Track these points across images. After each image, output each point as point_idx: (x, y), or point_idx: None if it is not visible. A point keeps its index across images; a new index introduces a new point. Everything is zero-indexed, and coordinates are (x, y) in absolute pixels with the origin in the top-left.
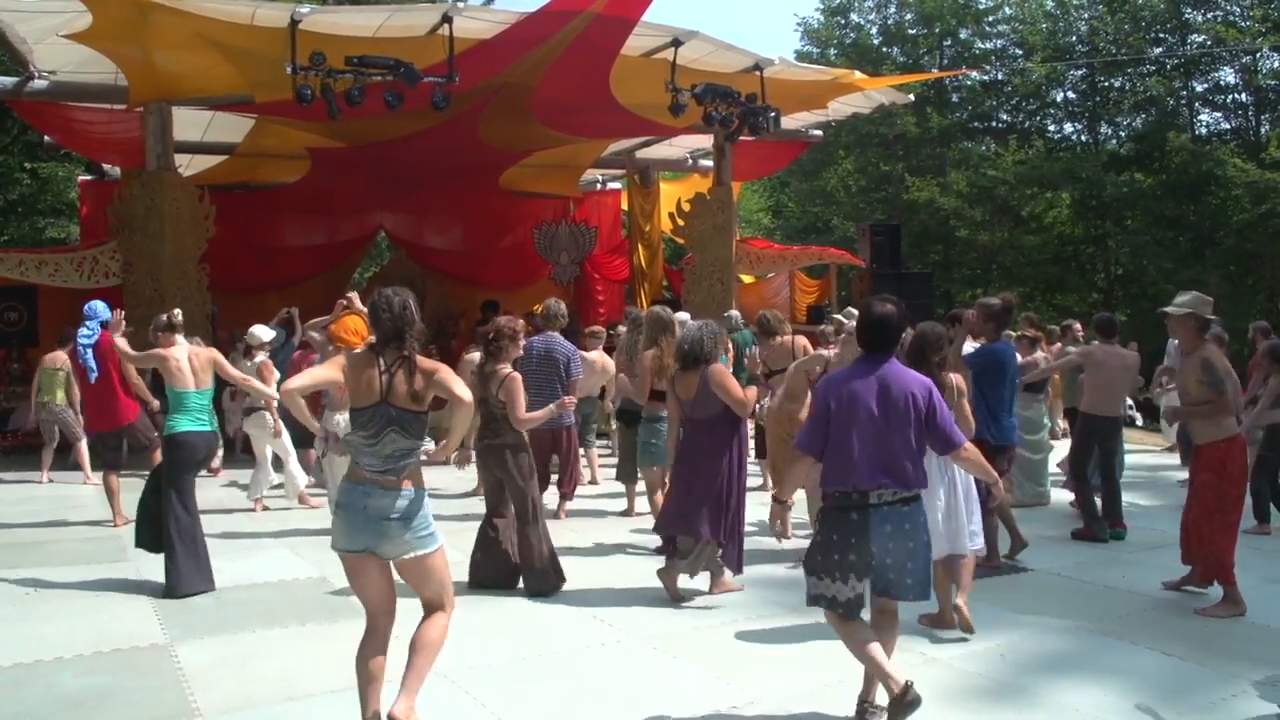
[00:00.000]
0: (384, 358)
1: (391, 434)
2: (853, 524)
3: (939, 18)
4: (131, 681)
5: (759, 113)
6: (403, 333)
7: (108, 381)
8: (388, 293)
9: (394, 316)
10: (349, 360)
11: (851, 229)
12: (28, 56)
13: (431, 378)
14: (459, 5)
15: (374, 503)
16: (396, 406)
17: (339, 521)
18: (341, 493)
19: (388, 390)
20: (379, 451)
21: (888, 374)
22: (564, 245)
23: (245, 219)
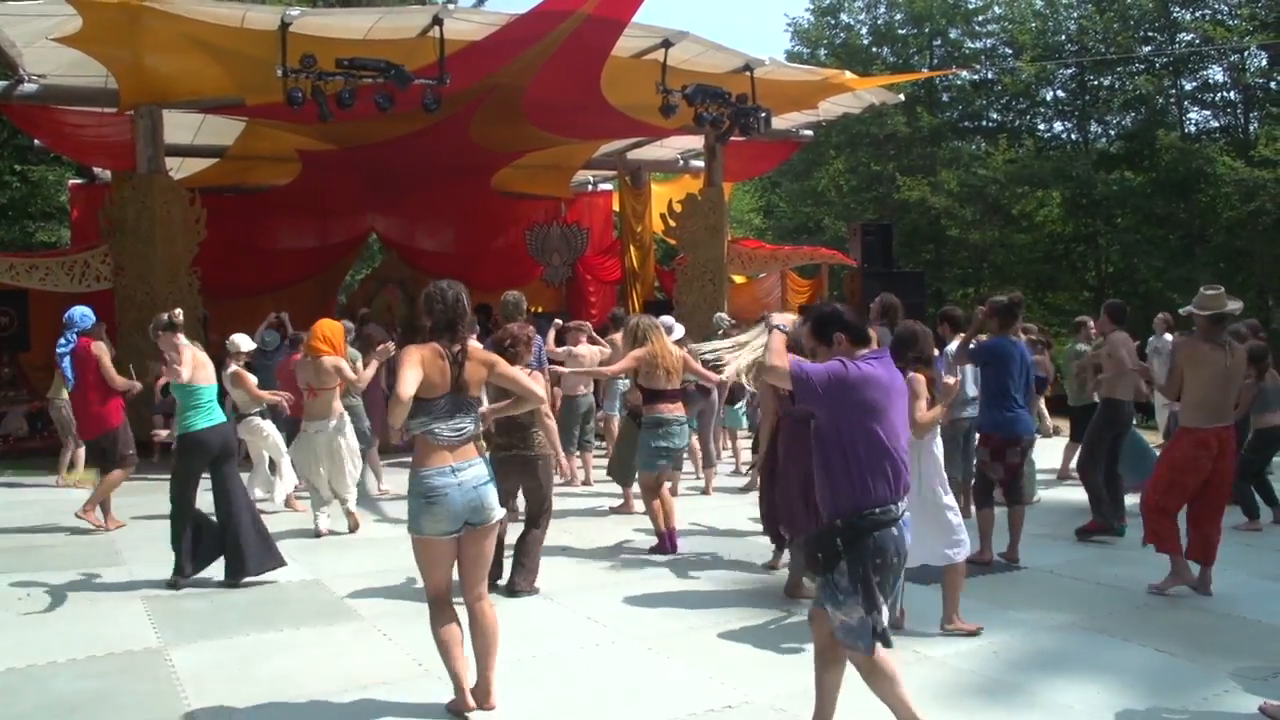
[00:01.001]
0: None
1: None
2: (894, 539)
3: (929, 17)
4: (125, 685)
5: (750, 113)
6: (455, 324)
7: (85, 389)
8: (442, 284)
9: (447, 308)
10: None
11: (843, 229)
12: (17, 60)
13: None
14: (449, 7)
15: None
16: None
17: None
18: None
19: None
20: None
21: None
22: (556, 246)
23: (237, 222)
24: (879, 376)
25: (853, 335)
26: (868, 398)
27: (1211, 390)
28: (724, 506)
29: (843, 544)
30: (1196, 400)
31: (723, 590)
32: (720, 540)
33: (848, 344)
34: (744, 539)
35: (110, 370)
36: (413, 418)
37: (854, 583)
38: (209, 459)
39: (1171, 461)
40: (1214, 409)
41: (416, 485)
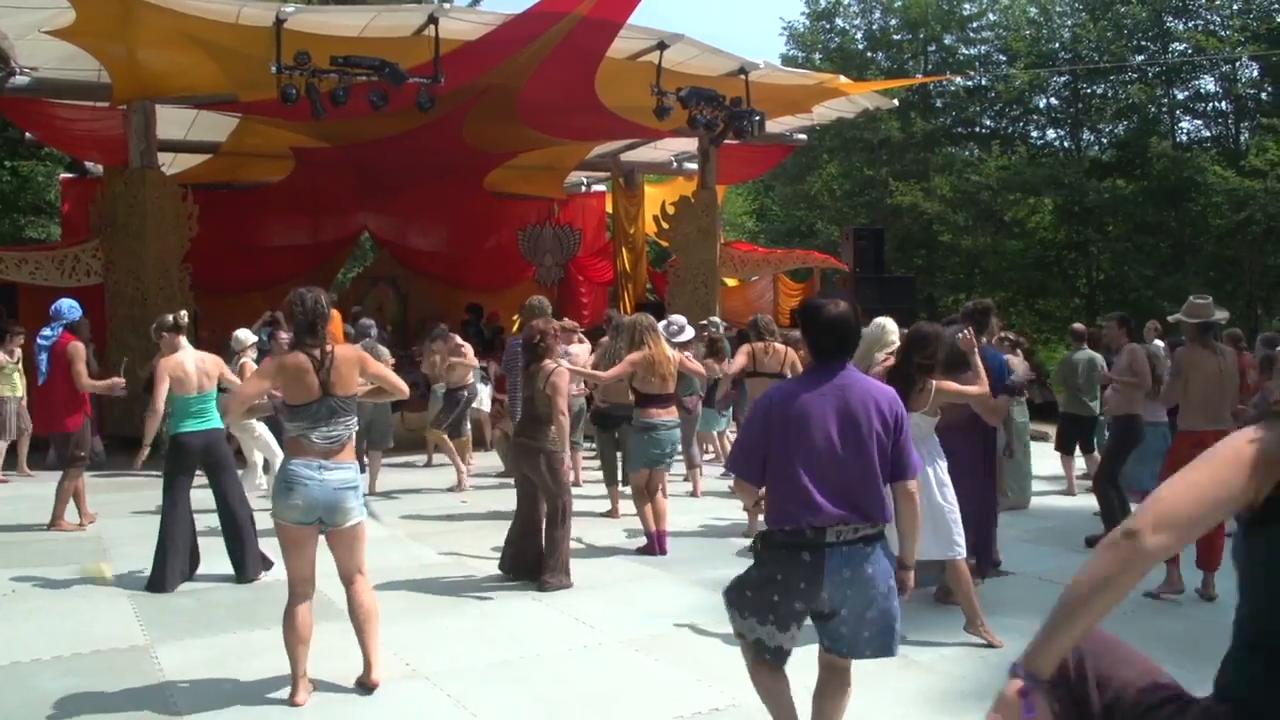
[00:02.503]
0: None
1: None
2: (804, 566)
3: (923, 23)
4: (111, 683)
5: (744, 116)
6: (315, 325)
7: (54, 385)
8: (302, 290)
9: (306, 311)
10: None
11: (835, 233)
12: (10, 53)
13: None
14: (445, 6)
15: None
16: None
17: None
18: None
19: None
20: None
21: (846, 384)
22: (548, 247)
23: (229, 218)
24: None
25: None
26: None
27: (1209, 393)
28: (712, 509)
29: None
30: (1195, 403)
31: (713, 593)
32: (708, 542)
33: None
34: (732, 541)
35: (81, 372)
36: (289, 421)
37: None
38: (193, 463)
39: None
40: (1212, 411)
41: (280, 472)
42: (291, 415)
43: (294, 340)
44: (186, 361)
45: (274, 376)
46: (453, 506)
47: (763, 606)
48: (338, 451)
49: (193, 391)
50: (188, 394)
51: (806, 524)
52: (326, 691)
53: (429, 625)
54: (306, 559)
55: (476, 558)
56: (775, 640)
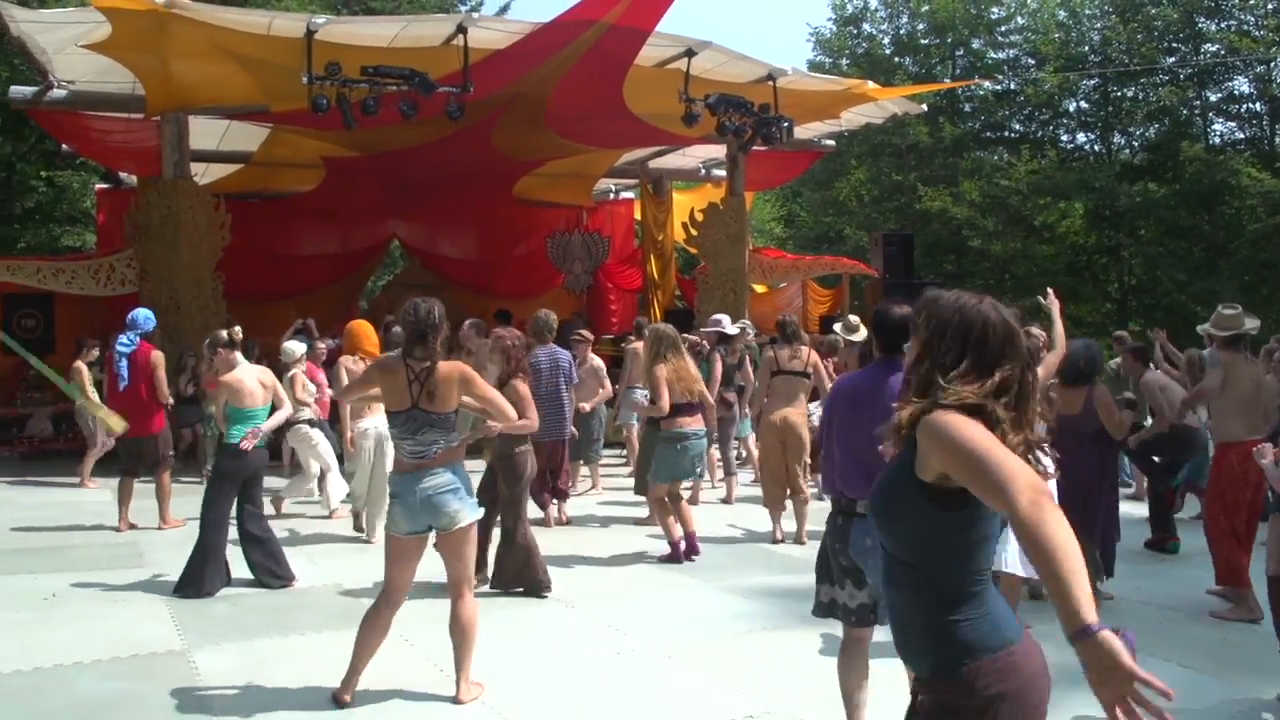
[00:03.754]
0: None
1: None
2: (837, 529)
3: (951, 28)
4: (149, 687)
5: (772, 123)
6: (426, 336)
7: (135, 391)
8: (418, 300)
9: (418, 320)
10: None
11: (864, 239)
12: (47, 66)
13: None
14: (474, 16)
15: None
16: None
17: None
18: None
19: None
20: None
21: (899, 380)
22: (577, 254)
23: (260, 227)
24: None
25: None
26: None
27: (1247, 402)
28: (744, 515)
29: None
30: (1234, 412)
31: (744, 600)
32: (739, 549)
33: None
34: (763, 548)
35: (163, 380)
36: (389, 425)
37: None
38: (246, 475)
39: (1220, 480)
40: (1251, 420)
41: (389, 485)
42: (389, 420)
43: (404, 349)
44: (246, 377)
45: (373, 380)
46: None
47: (824, 568)
48: (427, 464)
49: (259, 404)
50: (248, 407)
51: (842, 493)
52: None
53: None
54: (406, 569)
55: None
56: (840, 598)
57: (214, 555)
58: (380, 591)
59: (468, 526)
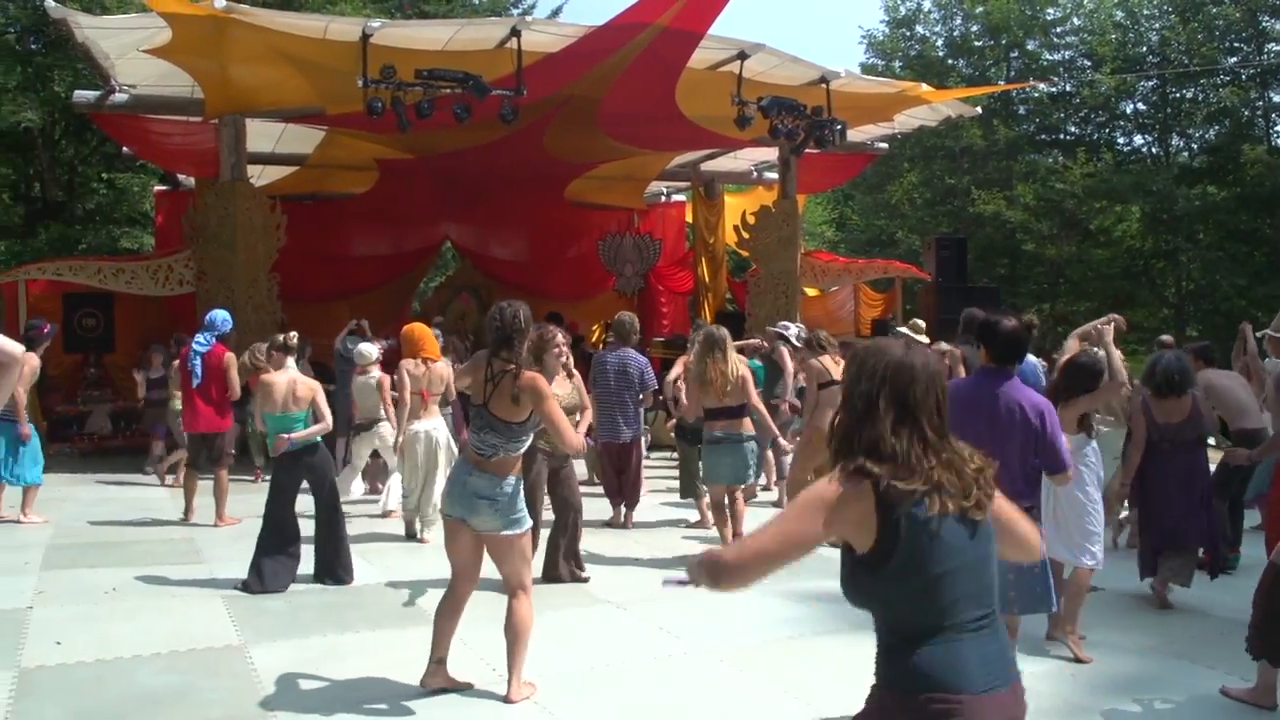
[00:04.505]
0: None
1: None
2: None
3: (1006, 29)
4: (207, 681)
5: (825, 125)
6: (512, 339)
7: (207, 389)
8: (503, 303)
9: (504, 324)
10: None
11: (916, 242)
12: (110, 71)
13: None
14: (527, 19)
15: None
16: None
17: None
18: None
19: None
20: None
21: (1009, 388)
22: (628, 257)
23: (314, 229)
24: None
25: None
26: None
27: None
28: None
29: None
30: None
31: (795, 604)
32: None
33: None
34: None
35: (235, 381)
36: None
37: None
38: (298, 475)
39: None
40: None
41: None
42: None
43: (491, 349)
44: (279, 381)
45: (469, 373)
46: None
47: None
48: (486, 463)
49: (276, 410)
50: (269, 412)
51: None
52: (413, 698)
53: None
54: (457, 550)
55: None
56: None
57: (271, 553)
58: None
59: (507, 537)
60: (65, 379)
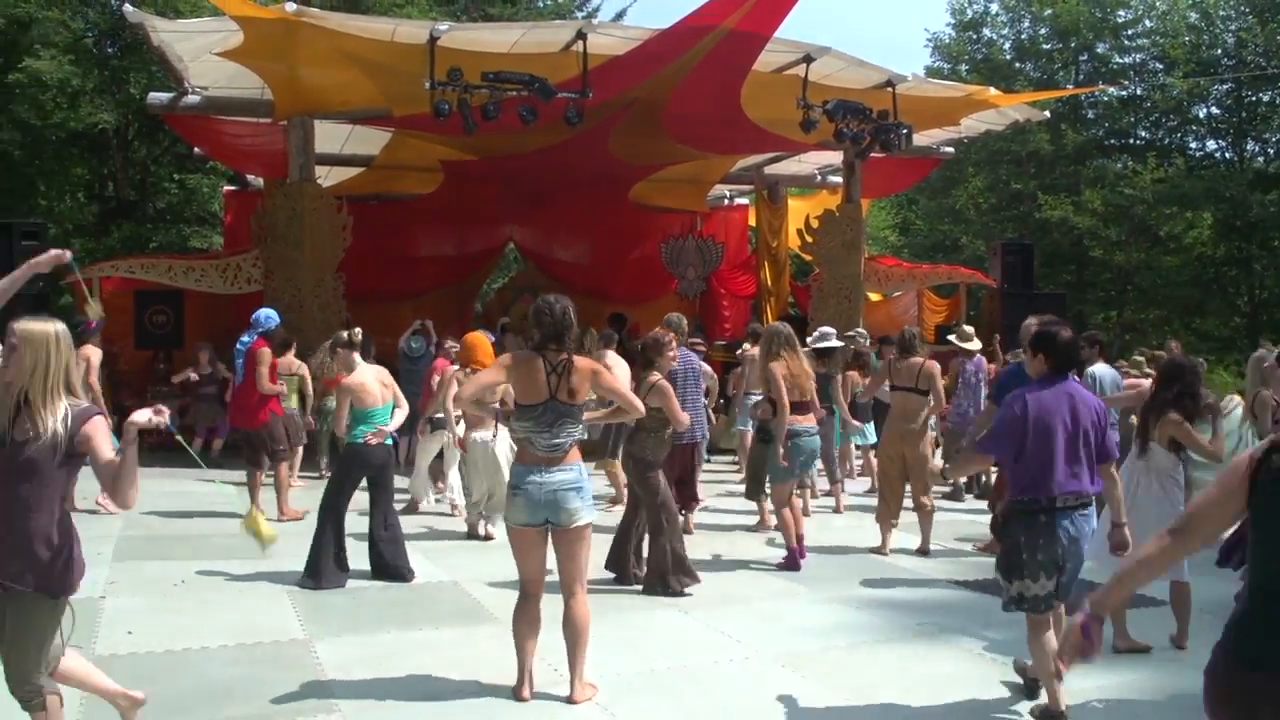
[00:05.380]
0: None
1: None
2: (1041, 526)
3: (1075, 32)
4: (274, 674)
5: (891, 129)
6: (562, 335)
7: (248, 386)
8: (550, 298)
9: (555, 321)
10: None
11: (981, 247)
12: (183, 74)
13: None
14: (593, 22)
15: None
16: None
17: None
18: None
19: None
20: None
21: (1074, 391)
22: (691, 260)
23: (380, 229)
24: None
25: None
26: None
27: None
28: (854, 526)
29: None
30: None
31: (856, 611)
32: (851, 560)
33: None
34: (874, 559)
35: (263, 375)
36: (516, 421)
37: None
38: (368, 473)
39: None
40: None
41: (510, 477)
42: (519, 415)
43: (538, 344)
44: (367, 378)
45: (507, 375)
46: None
47: (1024, 566)
48: (562, 457)
49: (380, 404)
50: (369, 407)
51: (1044, 494)
52: (476, 696)
53: None
54: (534, 560)
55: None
56: (1037, 591)
57: (331, 550)
58: (519, 594)
59: (584, 525)
60: (136, 375)
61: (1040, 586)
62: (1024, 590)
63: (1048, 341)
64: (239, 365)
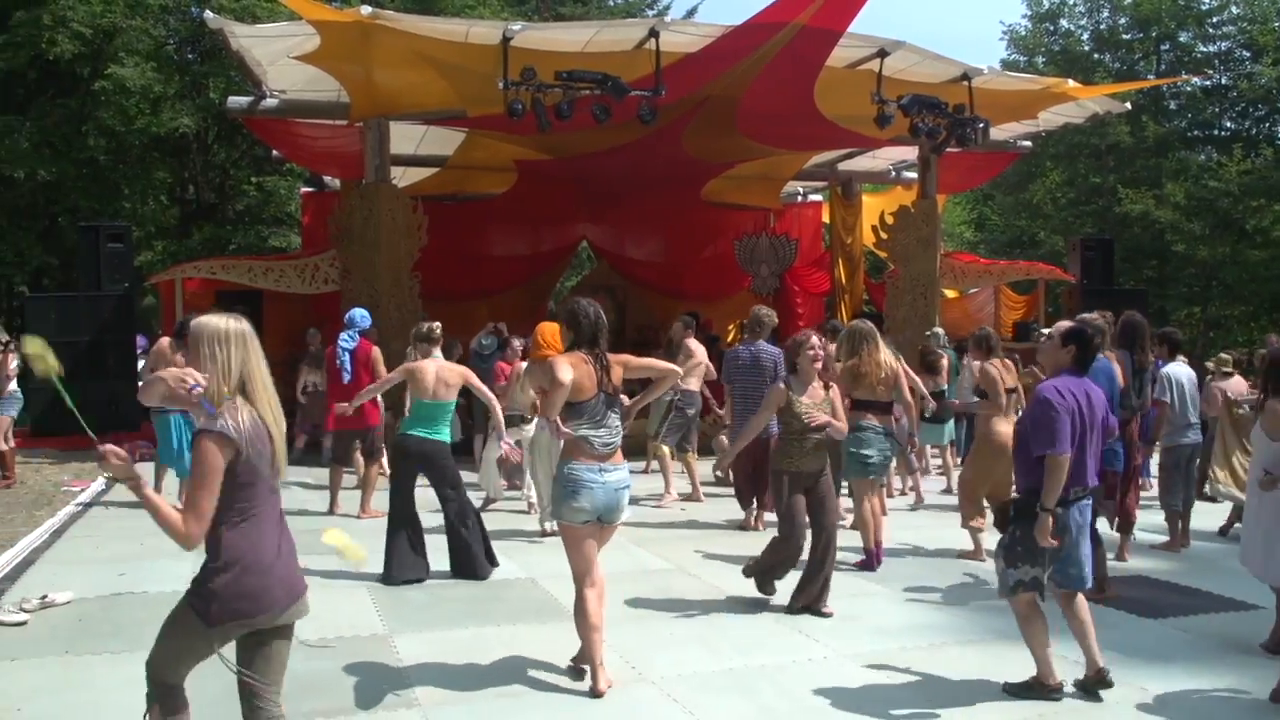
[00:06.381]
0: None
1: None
2: (1058, 517)
3: (1157, 20)
4: (355, 669)
5: (967, 124)
6: (597, 337)
7: (358, 384)
8: (583, 302)
9: (592, 324)
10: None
11: (1059, 243)
12: (262, 78)
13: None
14: (665, 20)
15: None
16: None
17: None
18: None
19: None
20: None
21: (1088, 385)
22: (764, 257)
23: (454, 229)
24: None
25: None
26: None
27: None
28: (930, 525)
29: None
30: None
31: (938, 612)
32: (929, 561)
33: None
34: (952, 560)
35: (383, 375)
36: (571, 419)
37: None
38: (412, 466)
39: None
40: None
41: (564, 477)
42: (572, 413)
43: (587, 344)
44: (429, 369)
45: (575, 369)
46: (673, 514)
47: (1030, 553)
48: (615, 453)
49: (428, 397)
50: (422, 399)
51: (1081, 485)
52: (553, 691)
53: (654, 631)
54: (590, 554)
55: (699, 565)
56: (1032, 574)
57: (401, 545)
58: (577, 585)
59: (619, 523)
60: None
61: (1041, 571)
62: (1031, 575)
63: (1082, 337)
64: (346, 364)
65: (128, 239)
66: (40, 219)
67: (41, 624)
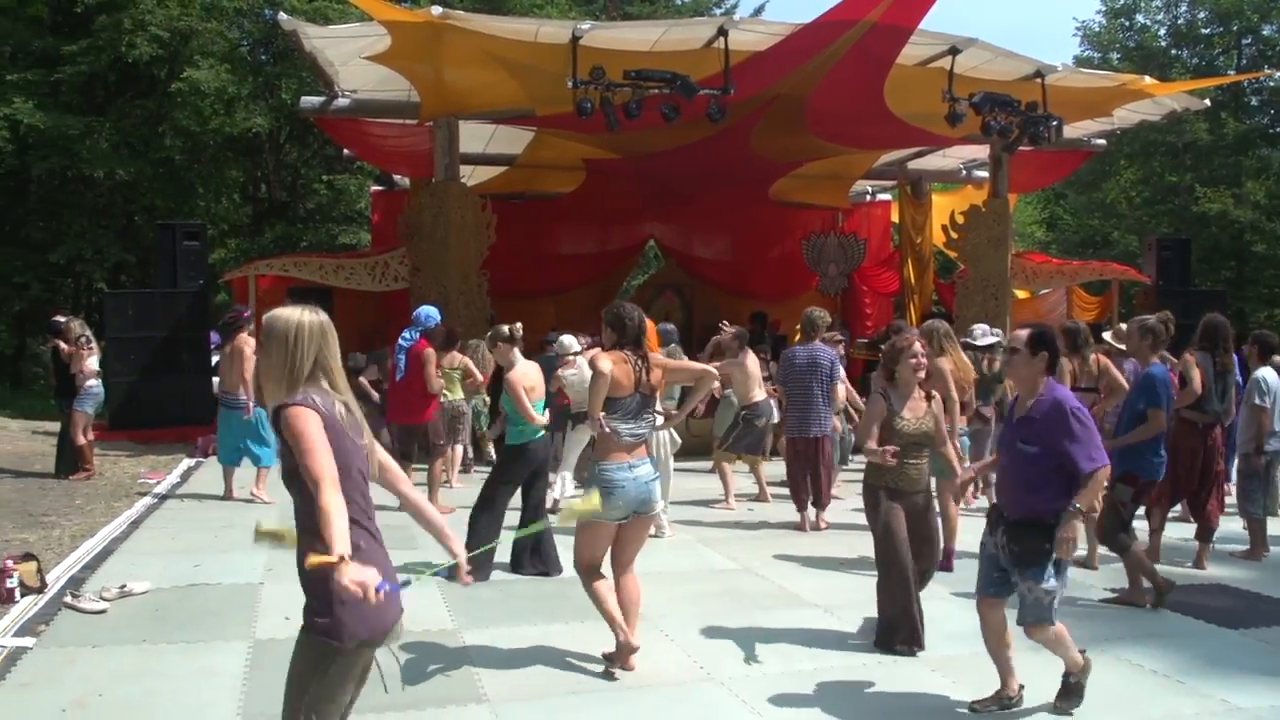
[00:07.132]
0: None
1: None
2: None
3: (1237, 14)
4: (425, 663)
5: (1040, 122)
6: (640, 339)
7: (411, 383)
8: (628, 306)
9: (634, 327)
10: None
11: (1134, 243)
12: (334, 78)
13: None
14: (734, 18)
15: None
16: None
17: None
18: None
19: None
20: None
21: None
22: (832, 256)
23: (522, 228)
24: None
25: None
26: None
27: None
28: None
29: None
30: None
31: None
32: None
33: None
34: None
35: (432, 374)
36: (607, 413)
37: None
38: (530, 470)
39: None
40: None
41: (596, 477)
42: (609, 408)
43: (630, 345)
44: (531, 372)
45: (618, 368)
46: (740, 514)
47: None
48: (639, 447)
49: (540, 399)
50: (535, 402)
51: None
52: (621, 689)
53: (721, 631)
54: (604, 545)
55: (767, 566)
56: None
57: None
58: (583, 571)
59: (656, 513)
60: None
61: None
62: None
63: (1047, 341)
64: (401, 361)
65: (203, 237)
66: (118, 218)
67: (120, 613)
